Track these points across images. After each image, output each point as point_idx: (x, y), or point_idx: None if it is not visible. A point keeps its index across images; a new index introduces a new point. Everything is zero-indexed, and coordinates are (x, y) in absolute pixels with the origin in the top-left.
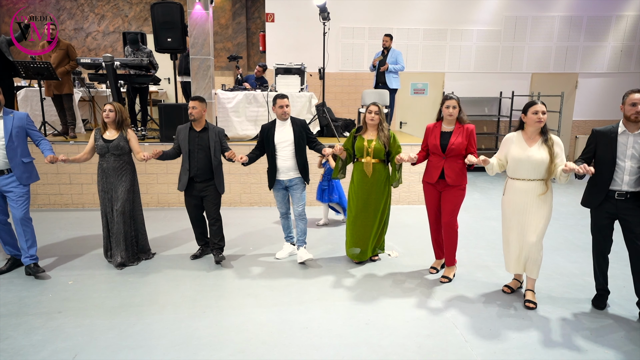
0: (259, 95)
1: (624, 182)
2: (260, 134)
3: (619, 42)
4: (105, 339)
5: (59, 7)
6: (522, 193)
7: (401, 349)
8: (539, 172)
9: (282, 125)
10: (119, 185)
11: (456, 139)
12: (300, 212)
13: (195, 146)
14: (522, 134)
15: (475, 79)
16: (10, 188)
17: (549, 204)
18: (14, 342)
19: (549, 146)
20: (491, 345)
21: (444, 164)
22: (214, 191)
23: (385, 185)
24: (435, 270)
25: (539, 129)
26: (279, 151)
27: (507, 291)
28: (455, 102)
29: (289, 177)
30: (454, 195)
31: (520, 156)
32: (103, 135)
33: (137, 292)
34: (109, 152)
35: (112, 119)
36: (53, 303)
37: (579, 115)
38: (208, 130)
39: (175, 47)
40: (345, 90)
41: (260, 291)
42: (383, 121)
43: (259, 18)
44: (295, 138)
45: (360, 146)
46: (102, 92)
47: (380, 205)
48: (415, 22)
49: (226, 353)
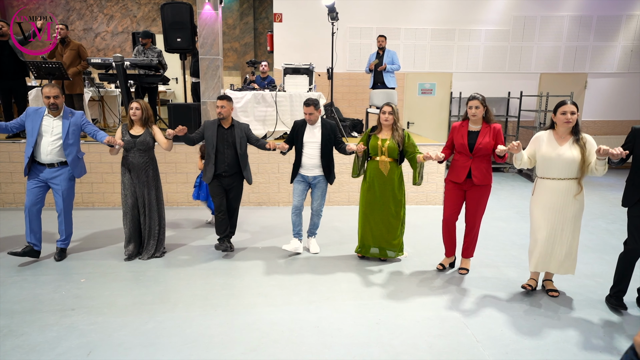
0: (267, 95)
1: None
2: (292, 130)
3: (630, 42)
4: (118, 336)
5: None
6: (553, 192)
7: (412, 349)
8: (571, 171)
9: (313, 126)
10: (146, 180)
11: (483, 138)
12: (318, 208)
13: (223, 143)
14: (553, 133)
15: (483, 79)
16: (58, 181)
17: (581, 203)
18: (29, 338)
19: (581, 145)
20: (503, 345)
21: (471, 164)
22: (240, 185)
23: (400, 185)
24: (442, 267)
25: (570, 128)
26: (305, 149)
27: (529, 288)
28: (478, 102)
29: (314, 174)
30: (480, 194)
31: (550, 155)
32: (130, 130)
33: (148, 290)
34: (135, 148)
35: (139, 116)
36: (66, 300)
37: (588, 115)
38: (234, 128)
39: (184, 47)
40: (353, 91)
41: (271, 290)
42: (398, 121)
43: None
44: (322, 140)
45: (375, 145)
46: (112, 91)
47: (393, 203)
48: (423, 22)
49: (237, 351)
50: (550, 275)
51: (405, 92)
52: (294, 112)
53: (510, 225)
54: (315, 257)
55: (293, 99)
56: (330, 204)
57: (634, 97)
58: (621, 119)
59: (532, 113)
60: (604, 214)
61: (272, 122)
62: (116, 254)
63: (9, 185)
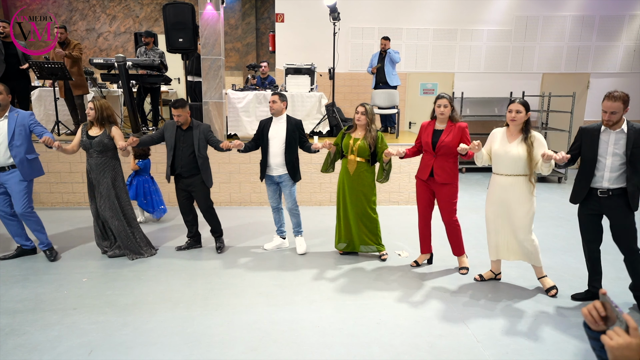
0: (268, 95)
1: (605, 179)
2: (258, 128)
3: (632, 42)
4: (119, 335)
5: (72, 8)
6: (502, 188)
7: (413, 349)
8: (517, 168)
9: (277, 122)
10: (101, 182)
11: (446, 137)
12: (291, 207)
13: (180, 144)
14: (507, 131)
15: (485, 79)
16: (10, 184)
17: (530, 200)
18: (31, 337)
19: (529, 144)
20: (503, 345)
21: (434, 162)
22: (200, 185)
23: (371, 184)
24: (416, 264)
25: (520, 127)
26: (270, 147)
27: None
28: (446, 101)
29: (279, 173)
30: (446, 194)
31: (499, 151)
32: (88, 131)
33: (150, 290)
34: (92, 149)
35: (93, 116)
36: (68, 300)
37: (590, 115)
38: (192, 129)
39: (186, 48)
40: (355, 91)
41: (271, 290)
42: (371, 122)
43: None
44: (287, 136)
45: (347, 144)
46: (114, 92)
47: (362, 202)
48: (425, 22)
49: (238, 351)
50: (540, 272)
51: (407, 92)
52: (295, 112)
53: None
54: (316, 257)
55: (295, 99)
56: (332, 203)
57: (637, 97)
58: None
59: (534, 113)
60: None
61: None
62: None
63: None
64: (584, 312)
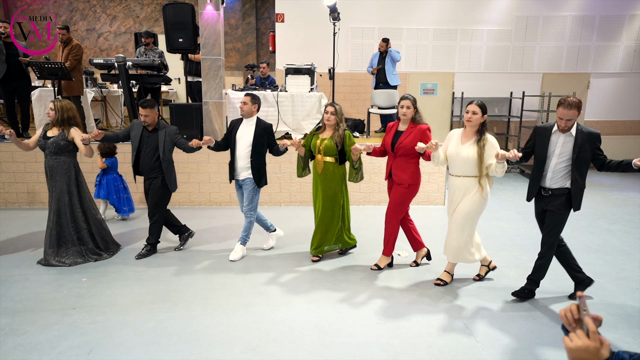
0: (268, 95)
1: (548, 178)
2: (228, 127)
3: (632, 42)
4: (119, 335)
5: (72, 8)
6: (455, 188)
7: (412, 349)
8: (467, 169)
9: (247, 124)
10: (56, 184)
11: (405, 138)
12: (247, 210)
13: (145, 145)
14: (463, 132)
15: (485, 79)
16: None
17: (473, 201)
18: (30, 337)
19: (480, 146)
20: (502, 346)
21: (392, 163)
22: (158, 188)
23: (341, 183)
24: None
25: (475, 128)
26: (237, 149)
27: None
28: (409, 103)
29: (243, 177)
30: (398, 192)
31: (452, 152)
32: (47, 131)
33: (149, 290)
34: (46, 150)
35: (53, 117)
36: (68, 299)
37: (590, 115)
38: (158, 132)
39: (186, 48)
40: (355, 91)
41: (271, 290)
42: (340, 122)
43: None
44: (254, 139)
45: (314, 144)
46: (114, 92)
47: (332, 201)
48: (425, 22)
49: (237, 350)
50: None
51: (407, 92)
52: (295, 113)
53: (511, 226)
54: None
55: (295, 99)
56: None
57: (637, 97)
58: (624, 119)
59: (534, 113)
60: (605, 214)
61: (274, 123)
62: (117, 254)
63: (12, 185)
64: (560, 314)
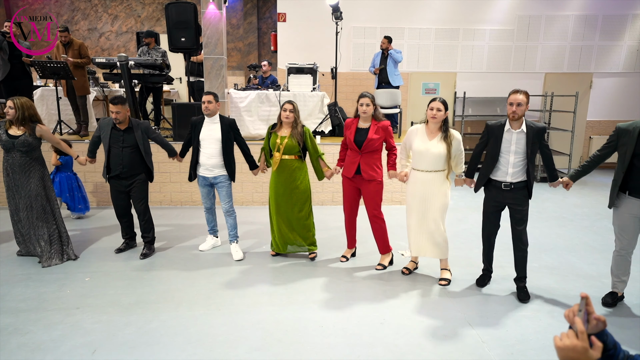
0: (271, 94)
1: (509, 174)
2: (189, 128)
3: (635, 42)
4: (122, 335)
5: (74, 8)
6: (421, 183)
7: (417, 349)
8: (437, 164)
9: (211, 122)
10: (26, 182)
11: (372, 135)
12: (228, 208)
13: (116, 144)
14: (425, 128)
15: (487, 79)
16: None
17: (446, 194)
18: (34, 336)
19: (448, 142)
20: (508, 346)
21: (360, 160)
22: (141, 185)
23: (302, 181)
24: (345, 258)
25: (439, 124)
26: (203, 147)
27: (406, 272)
28: (368, 100)
29: (214, 174)
30: (372, 190)
31: (420, 148)
32: (8, 130)
33: (152, 289)
34: (14, 149)
35: (13, 116)
36: (71, 299)
37: (593, 115)
38: (133, 130)
39: (189, 47)
40: (357, 90)
41: (275, 289)
42: (298, 119)
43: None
44: (222, 136)
45: (274, 142)
46: (116, 91)
47: (293, 200)
48: (427, 22)
49: (242, 350)
50: (444, 264)
51: (409, 91)
52: None
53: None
54: (318, 257)
55: (297, 99)
56: (326, 203)
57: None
58: (626, 119)
59: (536, 113)
60: (609, 214)
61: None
62: (119, 254)
63: None
64: (565, 315)
